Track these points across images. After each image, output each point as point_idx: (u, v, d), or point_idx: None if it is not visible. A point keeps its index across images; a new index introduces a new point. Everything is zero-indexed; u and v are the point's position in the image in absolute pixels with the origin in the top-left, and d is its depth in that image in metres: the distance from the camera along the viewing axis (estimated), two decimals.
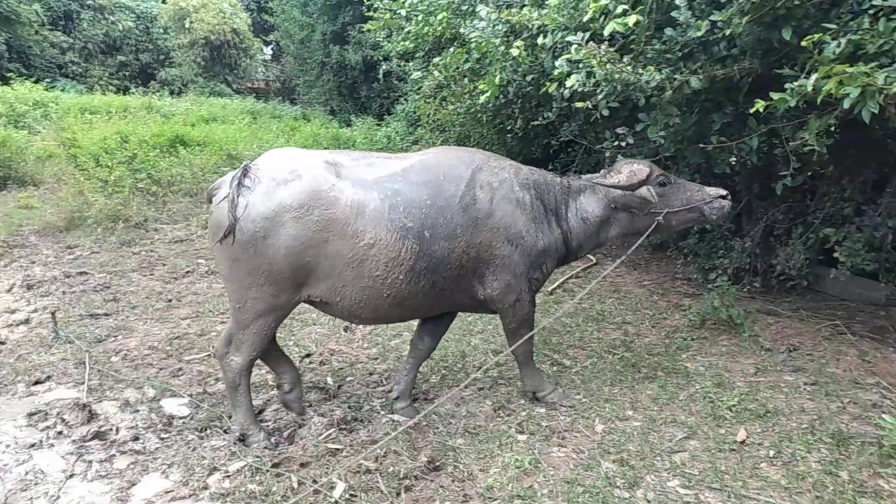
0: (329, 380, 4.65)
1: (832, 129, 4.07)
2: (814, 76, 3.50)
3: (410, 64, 9.82)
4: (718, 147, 4.87)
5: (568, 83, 4.13)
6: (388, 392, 4.44)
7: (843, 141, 4.55)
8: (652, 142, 5.00)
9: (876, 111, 3.39)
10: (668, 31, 4.25)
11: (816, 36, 3.63)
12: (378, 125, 16.65)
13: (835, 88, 3.43)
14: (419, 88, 9.51)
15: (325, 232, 3.47)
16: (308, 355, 5.10)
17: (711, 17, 3.99)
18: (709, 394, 4.23)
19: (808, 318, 5.58)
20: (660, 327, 5.48)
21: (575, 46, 4.05)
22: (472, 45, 5.37)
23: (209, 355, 4.92)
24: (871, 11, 3.64)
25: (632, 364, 4.72)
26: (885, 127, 4.56)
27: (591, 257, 7.50)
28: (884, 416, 3.63)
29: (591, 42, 4.11)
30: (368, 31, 8.94)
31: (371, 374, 4.79)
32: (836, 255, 5.33)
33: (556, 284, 6.54)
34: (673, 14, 4.14)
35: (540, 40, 4.55)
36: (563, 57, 4.11)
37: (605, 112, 4.44)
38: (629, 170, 4.03)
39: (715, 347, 5.00)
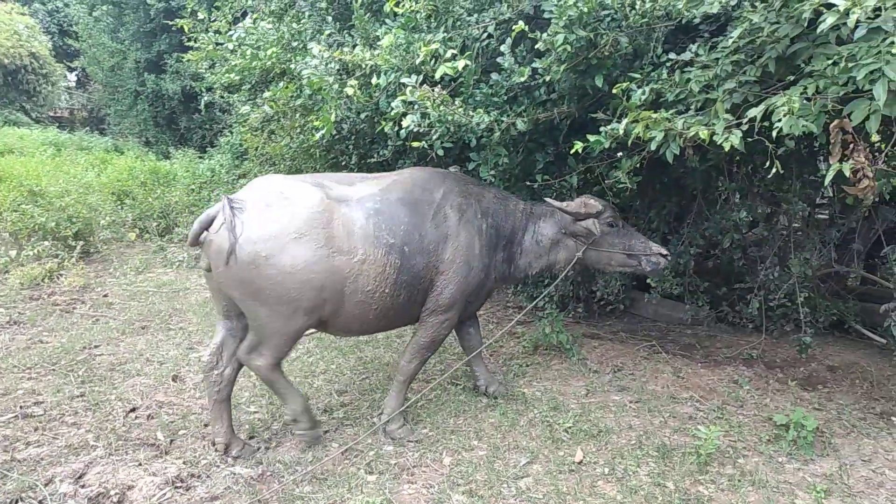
0: (159, 435, 4.32)
1: (640, 167, 4.51)
2: (624, 121, 3.87)
3: (235, 96, 9.52)
4: (543, 185, 5.20)
5: (404, 123, 4.23)
6: (479, 387, 4.84)
7: (649, 178, 5.05)
8: (483, 180, 5.23)
9: (677, 152, 3.81)
10: (495, 76, 4.50)
11: (624, 84, 4.03)
12: (200, 158, 15.90)
13: (642, 132, 3.81)
14: (245, 120, 9.24)
15: (327, 249, 3.67)
16: (133, 409, 4.70)
17: (533, 65, 4.29)
18: (546, 417, 4.45)
19: (627, 339, 6.07)
20: (497, 355, 5.70)
21: (410, 88, 4.16)
22: (305, 82, 5.32)
23: (16, 416, 4.38)
24: (668, 64, 4.10)
25: (474, 394, 4.85)
26: (684, 165, 5.12)
27: None
28: (699, 427, 4.02)
29: (424, 84, 4.24)
30: (188, 60, 8.55)
31: (206, 425, 4.51)
32: (648, 280, 5.87)
33: None
34: (498, 60, 4.39)
35: (374, 80, 4.62)
36: (398, 98, 4.20)
37: (440, 152, 4.59)
38: (583, 201, 4.40)
39: (548, 372, 5.27)
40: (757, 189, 5.72)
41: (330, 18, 5.90)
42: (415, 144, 4.70)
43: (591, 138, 4.03)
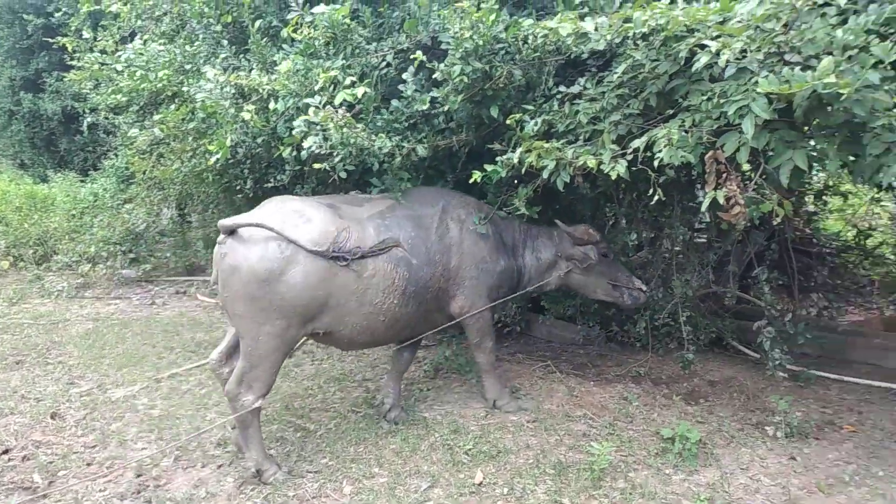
0: (36, 477, 4.03)
1: (535, 194, 4.69)
2: (518, 150, 4.03)
3: (122, 117, 9.12)
4: None
5: (305, 144, 4.20)
6: (379, 405, 4.94)
7: (543, 205, 5.24)
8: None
9: (567, 180, 4.00)
10: (395, 103, 4.57)
11: (518, 115, 4.19)
12: (82, 181, 15.04)
13: (535, 161, 3.98)
14: (133, 143, 8.87)
15: (335, 267, 3.89)
16: (6, 451, 4.37)
17: (432, 94, 4.38)
18: (447, 441, 4.48)
19: (524, 360, 6.22)
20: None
21: (313, 108, 4.15)
22: (199, 105, 5.18)
23: None
24: (558, 97, 4.31)
25: (375, 421, 4.82)
26: (574, 192, 5.35)
27: None
28: (592, 443, 4.16)
29: (328, 106, 4.24)
30: (70, 80, 8.13)
31: (89, 464, 4.26)
32: (542, 303, 6.07)
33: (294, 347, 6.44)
34: (400, 87, 4.46)
35: (272, 105, 4.57)
36: (301, 118, 4.17)
37: (343, 174, 4.59)
38: (586, 229, 4.91)
39: (449, 395, 5.32)
40: (641, 215, 6.05)
41: (225, 42, 5.79)
42: (316, 166, 4.67)
43: (489, 168, 4.16)
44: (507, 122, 4.25)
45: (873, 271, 8.95)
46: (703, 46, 3.33)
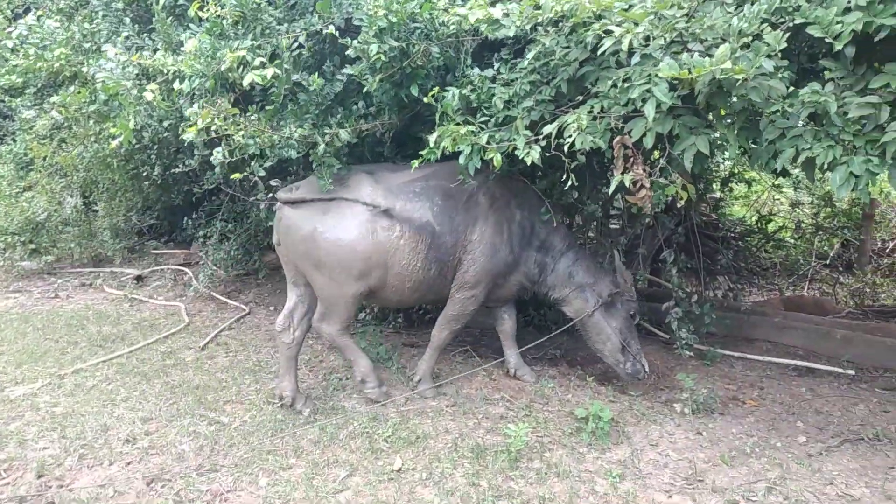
0: None
1: None
2: (434, 135, 4.01)
3: (18, 100, 8.58)
4: None
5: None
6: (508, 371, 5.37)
7: None
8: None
9: (478, 166, 4.02)
10: (317, 79, 4.45)
11: (436, 90, 4.17)
12: None
13: (451, 146, 3.97)
14: (31, 127, 8.37)
15: (374, 225, 4.42)
16: None
17: (345, 71, 4.31)
18: (366, 429, 4.44)
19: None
20: (317, 370, 5.61)
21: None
22: (99, 86, 4.92)
23: None
24: (474, 79, 4.30)
25: (292, 412, 4.73)
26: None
27: (244, 307, 7.36)
28: (509, 425, 4.21)
29: (225, 94, 4.12)
30: None
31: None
32: None
33: (207, 339, 6.26)
34: (301, 80, 4.36)
35: (176, 86, 4.39)
36: (193, 106, 4.04)
37: (261, 173, 4.47)
38: (629, 280, 5.04)
39: None
40: (557, 200, 6.15)
41: (128, 20, 5.52)
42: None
43: (423, 152, 4.13)
44: (426, 99, 4.22)
45: (774, 254, 9.46)
46: (609, 32, 3.40)
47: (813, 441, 4.41)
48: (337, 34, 4.14)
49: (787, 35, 3.09)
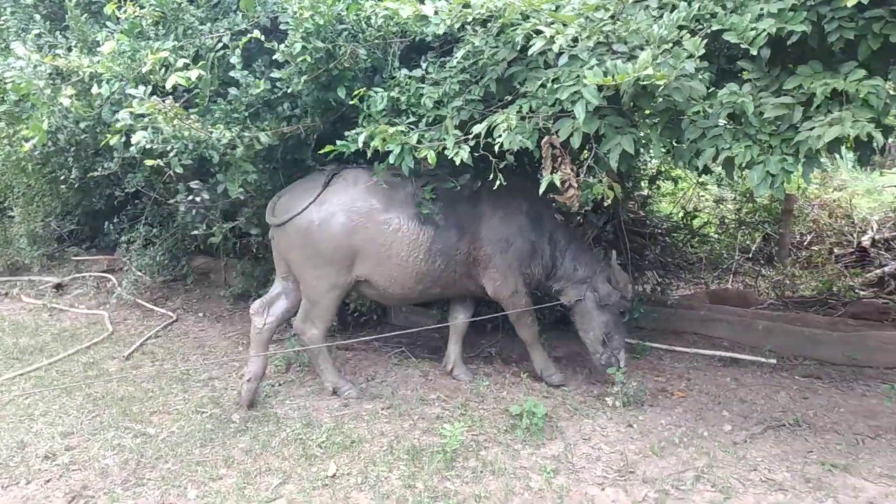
0: None
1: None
2: (363, 135, 3.97)
3: None
4: None
5: (134, 140, 3.91)
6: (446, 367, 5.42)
7: None
8: (229, 197, 4.99)
9: (412, 165, 4.01)
10: (233, 91, 4.34)
11: (361, 91, 4.13)
12: None
13: (380, 145, 3.94)
14: None
15: (365, 220, 4.54)
16: None
17: (272, 75, 4.22)
18: (299, 435, 4.36)
19: (379, 348, 6.19)
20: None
21: (138, 100, 3.85)
22: (9, 86, 4.66)
23: None
24: (402, 80, 4.28)
25: (222, 421, 4.61)
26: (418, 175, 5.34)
27: (171, 314, 7.13)
28: (445, 425, 4.21)
29: (154, 96, 3.96)
30: None
31: None
32: None
33: (132, 348, 6.04)
34: (232, 74, 4.25)
35: (95, 89, 4.20)
36: (124, 110, 3.86)
37: (179, 169, 4.31)
38: (627, 281, 5.19)
39: (302, 389, 5.19)
40: None
41: (38, 17, 5.25)
42: (148, 163, 4.36)
43: (339, 143, 4.07)
44: (351, 102, 4.17)
45: (700, 249, 9.77)
46: (538, 32, 3.44)
47: (738, 429, 4.57)
48: (262, 37, 4.05)
49: (705, 41, 3.19)
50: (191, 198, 4.96)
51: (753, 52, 3.20)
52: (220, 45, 4.25)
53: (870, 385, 5.38)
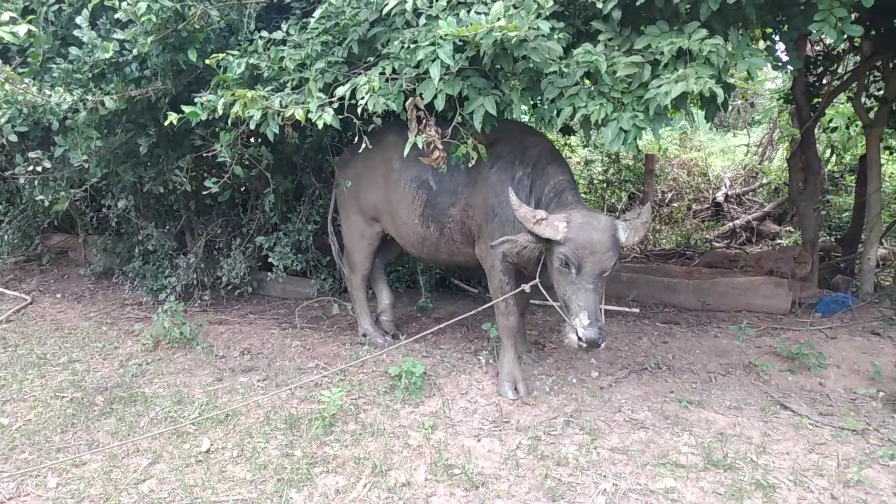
0: None
1: (249, 143, 4.48)
2: (221, 100, 3.80)
3: None
4: (154, 167, 4.86)
5: None
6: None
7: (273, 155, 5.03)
8: (75, 166, 4.66)
9: (276, 131, 3.87)
10: (75, 51, 4.02)
11: (221, 56, 3.94)
12: None
13: (241, 110, 3.79)
14: None
15: (384, 180, 4.77)
16: None
17: (116, 37, 3.94)
18: (170, 413, 4.21)
19: (255, 320, 6.05)
20: (112, 358, 5.19)
21: None
22: None
23: None
24: (262, 42, 4.12)
25: (84, 404, 4.36)
26: (298, 141, 5.20)
27: (25, 296, 6.62)
28: (323, 392, 4.19)
29: None
30: None
31: None
32: (269, 259, 5.92)
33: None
34: (76, 33, 3.93)
35: None
36: None
37: (13, 137, 3.95)
38: (549, 219, 3.72)
39: (172, 366, 4.99)
40: None
41: None
42: None
43: (187, 109, 3.87)
44: (207, 62, 3.97)
45: None
46: None
47: (604, 375, 4.84)
48: None
49: None
50: (32, 168, 4.57)
51: (601, 7, 3.31)
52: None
53: (721, 327, 5.83)
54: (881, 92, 6.64)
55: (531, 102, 3.92)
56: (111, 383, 4.68)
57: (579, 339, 3.65)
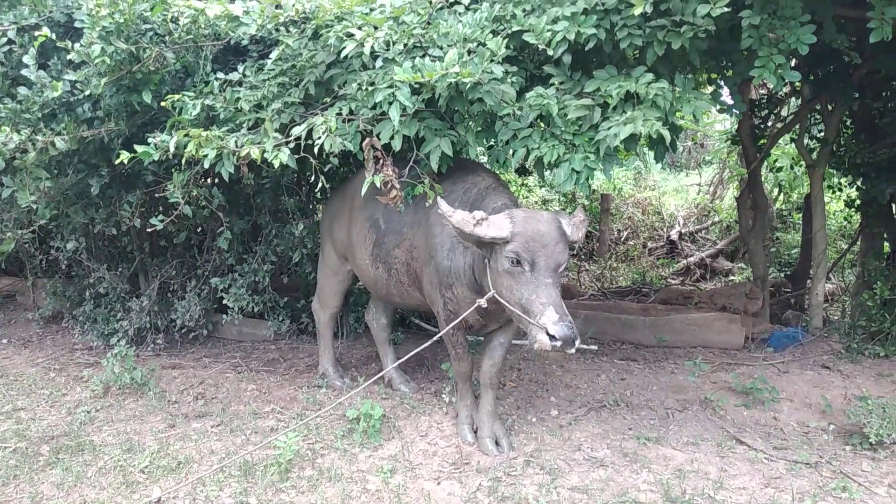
0: None
1: (203, 183, 4.44)
2: (174, 138, 3.77)
3: None
4: (106, 208, 4.77)
5: None
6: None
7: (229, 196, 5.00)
8: (23, 207, 4.54)
9: (231, 170, 3.85)
10: (24, 90, 3.97)
11: (176, 97, 3.92)
12: None
13: (195, 149, 3.76)
14: None
15: (346, 221, 4.77)
16: None
17: (68, 77, 3.90)
18: (119, 462, 4.06)
19: (210, 364, 5.91)
20: (59, 405, 5.00)
21: None
22: None
23: None
24: (217, 83, 4.13)
25: (29, 454, 4.18)
26: (255, 182, 5.19)
27: None
28: (279, 437, 4.10)
29: None
30: None
31: None
32: (225, 301, 5.83)
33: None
34: (24, 73, 3.89)
35: None
36: None
37: None
38: (489, 219, 3.45)
39: (122, 413, 4.82)
40: (313, 205, 6.14)
41: None
42: None
43: (140, 149, 3.83)
44: (163, 104, 3.95)
45: None
46: (350, 35, 3.45)
47: (564, 413, 4.84)
48: (54, 37, 3.72)
49: (508, 41, 3.37)
50: None
51: (552, 53, 3.42)
52: (5, 39, 3.85)
53: (677, 363, 5.90)
54: (822, 133, 6.93)
55: (486, 144, 3.99)
56: (58, 432, 4.50)
57: (551, 337, 3.30)
